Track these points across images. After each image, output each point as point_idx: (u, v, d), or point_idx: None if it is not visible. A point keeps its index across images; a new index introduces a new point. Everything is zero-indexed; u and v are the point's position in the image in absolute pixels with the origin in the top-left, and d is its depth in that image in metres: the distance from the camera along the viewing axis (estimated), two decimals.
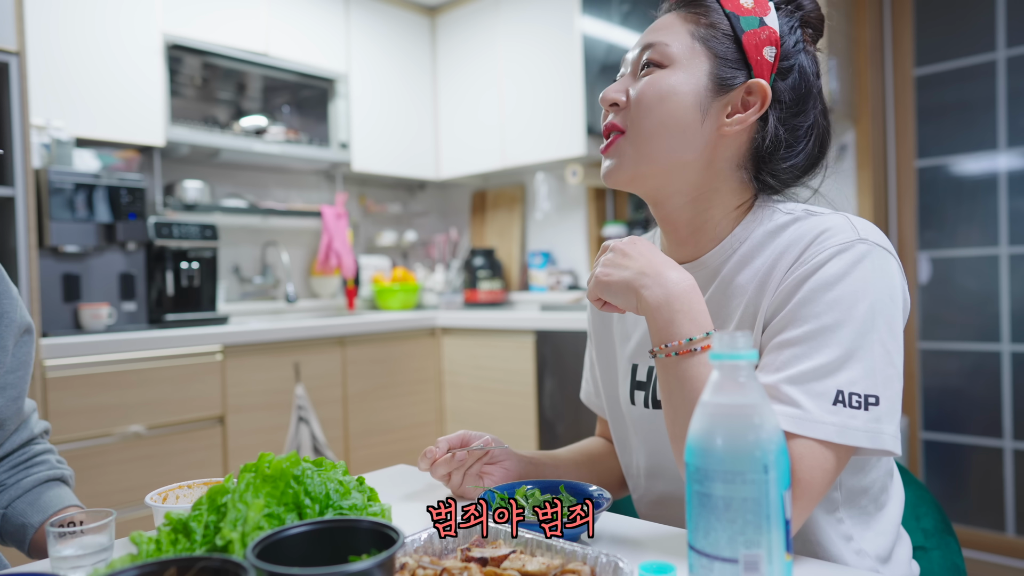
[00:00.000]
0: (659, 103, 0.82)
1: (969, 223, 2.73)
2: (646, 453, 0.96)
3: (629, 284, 0.77)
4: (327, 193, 3.66)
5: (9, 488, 0.98)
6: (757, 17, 0.83)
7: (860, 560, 0.82)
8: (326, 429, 2.78)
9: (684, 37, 0.83)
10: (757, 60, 0.82)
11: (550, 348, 2.81)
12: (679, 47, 0.83)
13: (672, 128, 0.82)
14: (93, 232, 2.43)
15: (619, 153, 0.85)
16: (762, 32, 0.82)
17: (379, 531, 0.54)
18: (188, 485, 0.84)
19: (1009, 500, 2.63)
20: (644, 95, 0.83)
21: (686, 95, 0.82)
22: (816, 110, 0.87)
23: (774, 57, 0.83)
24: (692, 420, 0.53)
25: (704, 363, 0.73)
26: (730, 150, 0.85)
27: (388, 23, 3.55)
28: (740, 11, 0.83)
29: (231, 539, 0.55)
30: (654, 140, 0.83)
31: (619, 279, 0.78)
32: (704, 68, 0.82)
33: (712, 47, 0.82)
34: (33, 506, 0.97)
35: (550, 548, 0.65)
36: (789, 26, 0.85)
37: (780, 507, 0.49)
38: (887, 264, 0.76)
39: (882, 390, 0.71)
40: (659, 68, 0.83)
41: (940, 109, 2.78)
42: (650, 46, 0.84)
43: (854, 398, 0.70)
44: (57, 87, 2.45)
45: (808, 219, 0.81)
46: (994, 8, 2.63)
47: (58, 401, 2.11)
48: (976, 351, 2.71)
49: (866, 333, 0.72)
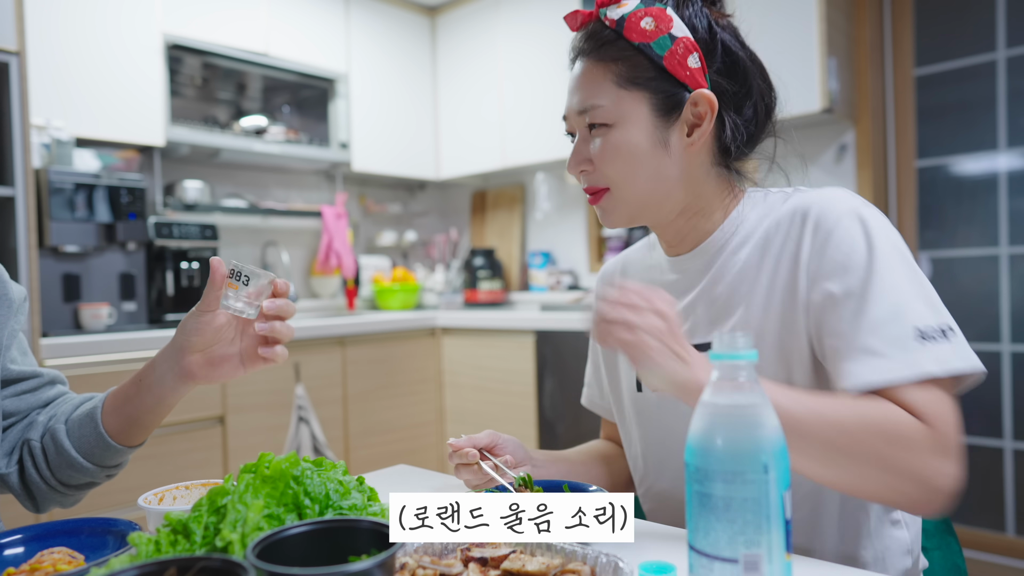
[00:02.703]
0: (622, 160, 0.86)
1: (969, 223, 2.73)
2: (647, 442, 0.98)
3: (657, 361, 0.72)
4: (327, 193, 3.66)
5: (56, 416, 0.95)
6: (665, 35, 0.83)
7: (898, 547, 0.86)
8: (326, 429, 2.78)
9: (611, 89, 0.85)
10: (687, 74, 0.84)
11: (550, 348, 2.81)
12: (611, 102, 0.85)
13: (644, 172, 0.86)
14: (93, 232, 2.43)
15: (611, 205, 0.90)
16: (677, 47, 0.83)
17: (379, 531, 0.54)
18: (186, 486, 0.84)
19: (1009, 500, 2.63)
20: (606, 158, 0.86)
21: (641, 142, 0.85)
22: (755, 78, 0.89)
23: (699, 60, 0.84)
24: (692, 420, 0.53)
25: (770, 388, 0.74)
26: (700, 156, 0.89)
27: (388, 23, 3.56)
28: (648, 38, 0.83)
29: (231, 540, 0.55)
30: (633, 188, 0.87)
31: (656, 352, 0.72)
32: (644, 108, 0.85)
33: (641, 86, 0.84)
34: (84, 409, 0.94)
35: (550, 548, 0.65)
36: (693, 15, 0.85)
37: (780, 507, 0.50)
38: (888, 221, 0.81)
39: (946, 318, 0.74)
40: (604, 128, 0.86)
41: (940, 109, 2.78)
42: (586, 111, 0.87)
43: (932, 331, 0.72)
44: (57, 87, 2.46)
45: (797, 195, 0.86)
46: (994, 8, 2.63)
47: None
48: (976, 351, 2.70)
49: (910, 272, 0.75)
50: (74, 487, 0.95)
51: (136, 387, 0.90)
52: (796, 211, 0.84)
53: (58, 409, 0.96)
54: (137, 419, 0.91)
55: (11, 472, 0.93)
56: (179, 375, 0.88)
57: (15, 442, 0.94)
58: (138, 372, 0.92)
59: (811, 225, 0.81)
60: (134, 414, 0.91)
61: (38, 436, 0.93)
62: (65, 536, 0.72)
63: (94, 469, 0.92)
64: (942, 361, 0.70)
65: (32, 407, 0.97)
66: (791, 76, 2.53)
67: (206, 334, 0.86)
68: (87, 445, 0.91)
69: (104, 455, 0.92)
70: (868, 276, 0.75)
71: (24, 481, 0.94)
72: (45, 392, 0.99)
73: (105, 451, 0.91)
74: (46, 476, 0.92)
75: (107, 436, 0.90)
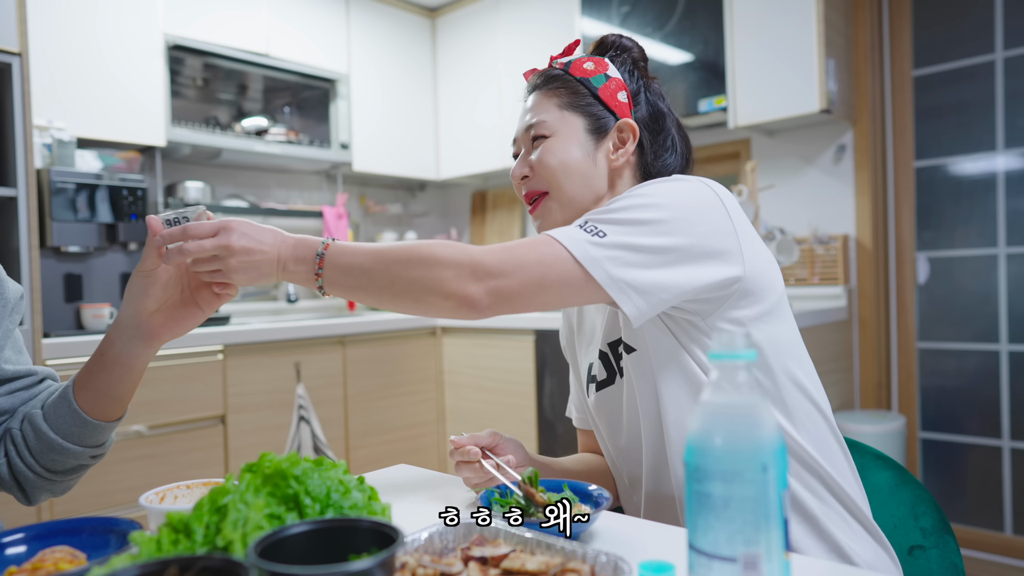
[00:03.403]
0: (558, 163, 1.01)
1: (967, 223, 2.74)
2: (608, 434, 1.05)
3: (269, 274, 0.87)
4: (328, 193, 3.66)
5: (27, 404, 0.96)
6: (602, 74, 1.03)
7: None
8: (327, 429, 2.78)
9: (554, 110, 1.03)
10: (616, 105, 1.02)
11: (550, 348, 2.82)
12: (553, 119, 1.02)
13: (574, 176, 1.01)
14: (95, 232, 2.43)
15: (547, 209, 1.03)
16: (611, 84, 1.03)
17: (379, 530, 0.54)
18: (187, 485, 0.84)
19: (1007, 499, 2.64)
20: (543, 161, 1.01)
21: (573, 150, 1.01)
22: (672, 124, 1.07)
23: (627, 98, 1.03)
24: (692, 420, 0.54)
25: (338, 246, 0.86)
26: (625, 174, 1.04)
27: (388, 24, 3.56)
28: (588, 74, 1.03)
29: (232, 539, 0.55)
30: (565, 189, 1.01)
31: (259, 276, 0.86)
32: (579, 126, 1.02)
33: (578, 109, 1.02)
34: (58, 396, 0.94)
35: (550, 547, 0.65)
36: (627, 70, 1.06)
37: (779, 506, 0.50)
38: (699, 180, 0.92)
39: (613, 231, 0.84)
40: (545, 139, 1.02)
41: (938, 110, 2.78)
42: (532, 126, 1.03)
43: (588, 224, 0.85)
44: (59, 88, 2.46)
45: None
46: (992, 9, 2.63)
47: None
48: (974, 351, 2.72)
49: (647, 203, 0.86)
50: (61, 472, 0.95)
51: (100, 362, 0.91)
52: None
53: (38, 398, 0.97)
54: (108, 391, 0.92)
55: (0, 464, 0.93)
56: (144, 339, 0.90)
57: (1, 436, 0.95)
58: (98, 348, 0.92)
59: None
60: (104, 387, 0.92)
61: (18, 424, 0.93)
62: (67, 535, 0.72)
63: (77, 450, 0.92)
64: (570, 238, 0.83)
65: (24, 404, 0.97)
66: (790, 77, 2.54)
67: (156, 293, 0.89)
68: (65, 425, 0.91)
69: (83, 434, 0.92)
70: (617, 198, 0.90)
71: (12, 472, 0.93)
72: (37, 389, 0.99)
73: (83, 429, 0.91)
74: (30, 464, 0.92)
75: (82, 412, 0.91)
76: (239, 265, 0.84)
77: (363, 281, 0.85)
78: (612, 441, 1.05)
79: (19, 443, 0.92)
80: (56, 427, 0.91)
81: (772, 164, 2.95)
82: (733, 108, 2.67)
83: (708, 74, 2.74)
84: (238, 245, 0.84)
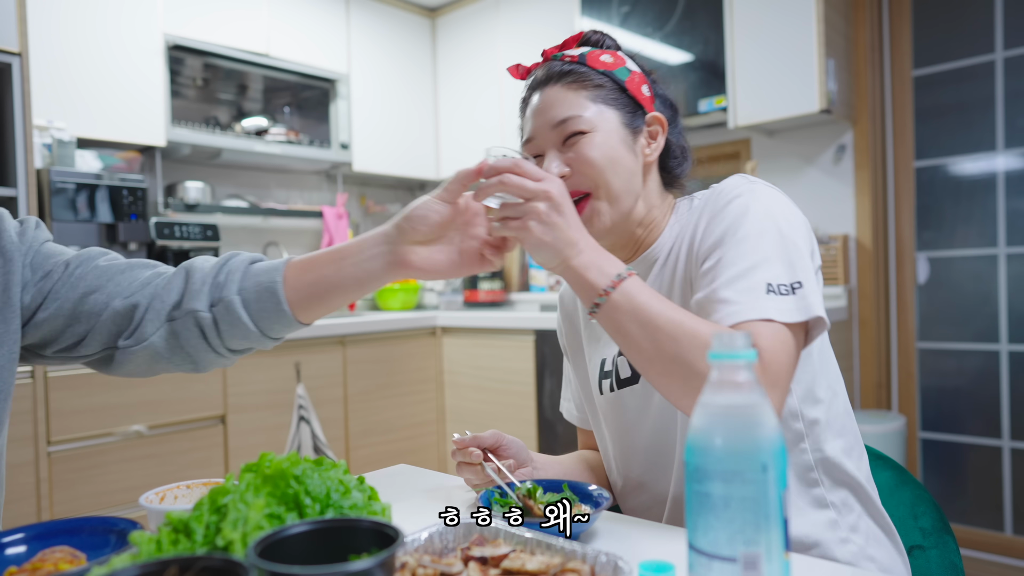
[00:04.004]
0: (604, 158, 0.93)
1: (967, 224, 2.74)
2: (614, 439, 1.03)
3: (559, 251, 0.82)
4: (328, 193, 3.67)
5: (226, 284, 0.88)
6: (624, 67, 0.98)
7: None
8: (327, 429, 2.78)
9: (587, 104, 0.95)
10: (643, 98, 0.98)
11: (550, 348, 2.82)
12: (589, 113, 0.94)
13: (623, 173, 0.95)
14: (95, 232, 2.43)
15: (594, 211, 0.94)
16: (634, 77, 0.98)
17: (379, 530, 0.54)
18: (188, 485, 0.84)
19: (1007, 499, 2.64)
20: (587, 157, 0.93)
21: (618, 145, 0.95)
22: (679, 115, 1.05)
23: (649, 91, 0.99)
24: (692, 420, 0.54)
25: (636, 284, 0.80)
26: (652, 170, 1.00)
27: (388, 24, 3.56)
28: (610, 67, 0.97)
29: (232, 539, 0.55)
30: (613, 186, 0.94)
31: (552, 243, 0.81)
32: (616, 121, 0.96)
33: (611, 104, 0.96)
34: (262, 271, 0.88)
35: (550, 547, 0.65)
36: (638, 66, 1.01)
37: (779, 506, 0.50)
38: (783, 197, 0.89)
39: (801, 275, 0.81)
40: (583, 134, 0.94)
41: (938, 110, 2.78)
42: (564, 121, 0.94)
43: (782, 287, 0.79)
44: (59, 88, 2.46)
45: (711, 188, 0.96)
46: (992, 9, 2.63)
47: (60, 401, 2.11)
48: (974, 351, 2.72)
49: (778, 238, 0.83)
50: (240, 351, 0.92)
51: (334, 264, 0.87)
52: (702, 208, 0.94)
53: (212, 277, 0.89)
54: (321, 296, 0.87)
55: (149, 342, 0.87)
56: (393, 261, 0.86)
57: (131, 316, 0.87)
58: (337, 248, 0.88)
59: (696, 216, 0.94)
60: (322, 291, 0.87)
61: (206, 306, 0.87)
62: (66, 535, 0.72)
63: (265, 339, 0.89)
64: (783, 311, 0.78)
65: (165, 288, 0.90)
66: (790, 77, 2.54)
67: (430, 226, 0.85)
68: (265, 318, 0.87)
69: (278, 327, 0.89)
70: (732, 246, 0.83)
71: (186, 349, 0.89)
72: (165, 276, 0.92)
73: (280, 323, 0.88)
74: (215, 344, 0.88)
75: (288, 311, 0.87)
76: (546, 219, 0.79)
77: (642, 332, 0.78)
78: (622, 440, 1.02)
79: (207, 326, 0.87)
80: (256, 317, 0.87)
81: (772, 164, 2.95)
82: (733, 108, 2.67)
83: (708, 74, 2.74)
84: (557, 197, 0.80)
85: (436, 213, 0.84)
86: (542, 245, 0.81)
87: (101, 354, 0.90)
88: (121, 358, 0.89)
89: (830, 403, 0.93)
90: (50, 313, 0.87)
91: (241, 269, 0.89)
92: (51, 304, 0.87)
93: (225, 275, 0.89)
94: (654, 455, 0.97)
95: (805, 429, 0.90)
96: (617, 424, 1.02)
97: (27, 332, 0.88)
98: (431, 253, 0.87)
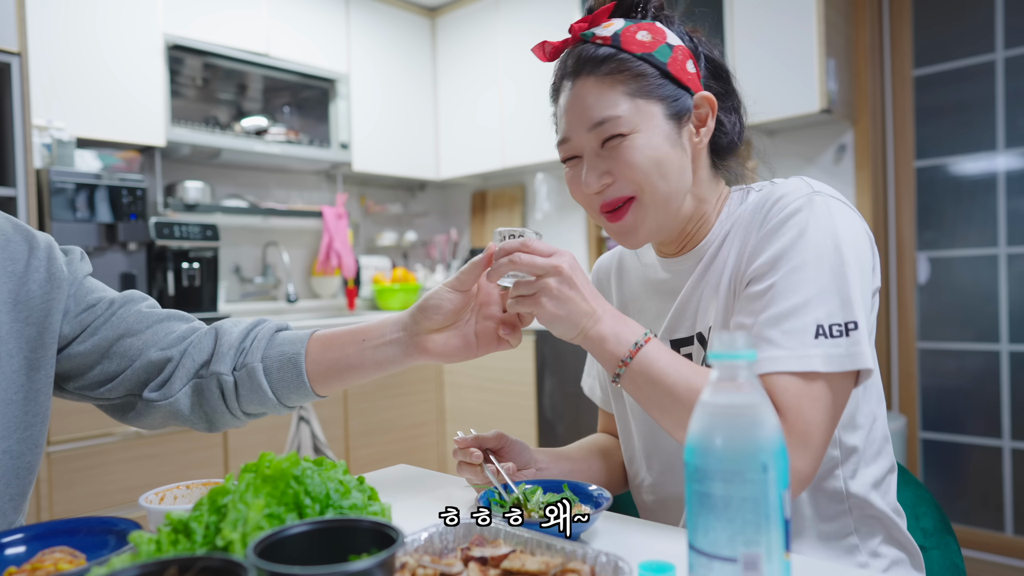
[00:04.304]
0: (649, 162, 0.86)
1: (968, 223, 2.74)
2: (642, 433, 0.99)
3: (575, 323, 0.81)
4: (327, 193, 3.66)
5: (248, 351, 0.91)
6: (664, 44, 0.87)
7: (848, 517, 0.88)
8: (326, 429, 2.78)
9: (623, 100, 0.86)
10: (688, 79, 0.88)
11: (550, 348, 2.82)
12: (628, 112, 0.85)
13: (671, 174, 0.87)
14: (94, 232, 2.43)
15: (639, 218, 0.88)
16: (677, 54, 0.88)
17: (379, 530, 0.54)
18: (187, 486, 0.84)
19: (1008, 500, 2.64)
20: (632, 162, 0.85)
21: (662, 144, 0.86)
22: (732, 80, 0.95)
23: (695, 66, 0.90)
24: (692, 420, 0.53)
25: (654, 351, 0.80)
26: (701, 157, 0.92)
27: (388, 24, 3.56)
28: (648, 48, 0.86)
29: (232, 539, 0.55)
30: (661, 189, 0.87)
31: (567, 317, 0.81)
32: (659, 115, 0.86)
33: (652, 94, 0.86)
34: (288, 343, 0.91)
35: (550, 547, 0.65)
36: (677, 28, 0.92)
37: (779, 506, 0.50)
38: (843, 209, 0.82)
39: (860, 315, 0.77)
40: (623, 136, 0.86)
41: (939, 110, 2.78)
42: (601, 123, 0.86)
43: (834, 328, 0.75)
44: (58, 88, 2.46)
45: (771, 187, 0.88)
46: (993, 9, 2.63)
47: (59, 401, 2.11)
48: (975, 351, 2.72)
49: (836, 267, 0.78)
50: (254, 415, 0.95)
51: (356, 345, 0.89)
52: (756, 210, 0.87)
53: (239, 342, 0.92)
54: (340, 374, 0.90)
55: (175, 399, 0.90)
56: (410, 349, 0.88)
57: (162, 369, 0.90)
58: (359, 329, 0.91)
59: (757, 224, 0.86)
60: (342, 369, 0.90)
61: (229, 370, 0.90)
62: (66, 535, 0.72)
63: (280, 407, 0.93)
64: (831, 358, 0.75)
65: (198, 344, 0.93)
66: (790, 77, 2.54)
67: (446, 314, 0.87)
68: (284, 388, 0.90)
69: (295, 397, 0.92)
70: (786, 274, 0.79)
71: (205, 410, 0.92)
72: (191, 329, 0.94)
73: (298, 394, 0.91)
74: (233, 407, 0.92)
75: (308, 384, 0.90)
76: (558, 294, 0.80)
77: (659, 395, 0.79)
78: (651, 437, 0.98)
79: (228, 389, 0.90)
80: (275, 386, 0.90)
81: (772, 164, 2.94)
82: None
83: None
84: (567, 272, 0.80)
85: (449, 302, 0.86)
86: (556, 319, 0.81)
87: (122, 400, 0.92)
88: (143, 409, 0.91)
89: (870, 429, 0.90)
90: (86, 347, 0.89)
91: (267, 337, 0.93)
92: (88, 338, 0.90)
93: (251, 341, 0.92)
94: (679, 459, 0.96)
95: (841, 457, 0.87)
96: (645, 424, 0.99)
97: (58, 360, 0.90)
98: (447, 339, 0.89)
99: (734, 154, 0.96)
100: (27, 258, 0.86)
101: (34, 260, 0.87)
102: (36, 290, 0.86)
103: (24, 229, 0.89)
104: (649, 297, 1.01)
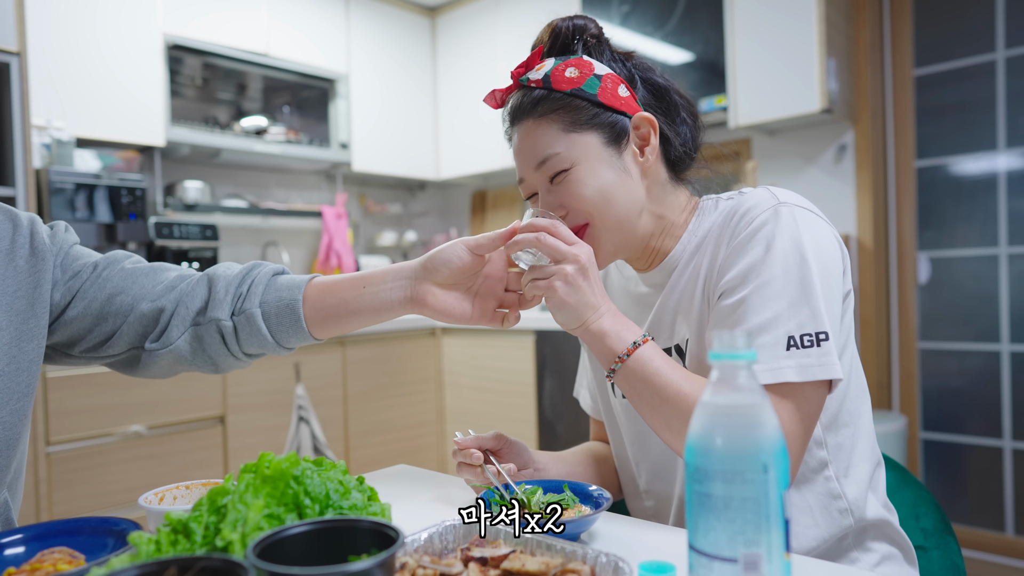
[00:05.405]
0: (594, 190, 0.89)
1: (968, 223, 2.73)
2: (632, 439, 1.01)
3: (580, 314, 0.84)
4: (327, 193, 3.66)
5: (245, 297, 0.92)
6: (591, 76, 0.91)
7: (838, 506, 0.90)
8: (326, 429, 2.78)
9: (560, 137, 0.90)
10: (621, 103, 0.91)
11: (550, 348, 2.82)
12: (566, 148, 0.90)
13: (619, 198, 0.90)
14: (94, 232, 2.43)
15: (596, 241, 0.92)
16: (606, 82, 0.91)
17: (379, 531, 0.54)
18: (187, 486, 0.84)
19: (1008, 500, 2.64)
20: (577, 194, 0.90)
21: (604, 172, 0.90)
22: (674, 94, 0.97)
23: (627, 90, 0.93)
24: (692, 420, 0.53)
25: (649, 352, 0.82)
26: (657, 174, 0.95)
27: (388, 23, 3.56)
28: (576, 83, 0.90)
29: (231, 540, 0.55)
30: (610, 215, 0.90)
31: (574, 305, 0.83)
32: (597, 144, 0.90)
33: (586, 125, 0.90)
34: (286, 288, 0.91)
35: (550, 548, 0.65)
36: (606, 56, 0.95)
37: (780, 507, 0.50)
38: (808, 218, 0.84)
39: (828, 325, 0.79)
40: (566, 172, 0.90)
41: (939, 109, 2.78)
42: (544, 162, 0.91)
43: (805, 339, 0.78)
44: (58, 87, 2.46)
45: (739, 197, 0.91)
46: (993, 8, 2.63)
47: (59, 401, 2.11)
48: (975, 351, 2.72)
49: (804, 278, 0.80)
50: (254, 356, 0.96)
51: (355, 290, 0.90)
52: (724, 222, 0.90)
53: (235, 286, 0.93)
54: (339, 319, 0.91)
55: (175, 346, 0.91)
56: (410, 296, 0.88)
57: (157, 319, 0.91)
58: (360, 275, 0.91)
59: (727, 237, 0.88)
60: (340, 314, 0.90)
61: (227, 315, 0.91)
62: (65, 536, 0.72)
63: (280, 348, 0.93)
64: (803, 368, 0.77)
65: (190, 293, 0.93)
66: (790, 77, 2.54)
67: (454, 272, 0.87)
68: (283, 332, 0.91)
69: (294, 340, 0.93)
70: (755, 289, 0.81)
71: (209, 353, 0.93)
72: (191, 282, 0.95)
73: (296, 336, 0.92)
74: (234, 350, 0.93)
75: (306, 328, 0.90)
76: (572, 281, 0.82)
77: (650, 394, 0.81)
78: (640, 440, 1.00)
79: (228, 333, 0.91)
80: (274, 330, 0.91)
81: (773, 164, 2.94)
82: (734, 108, 2.67)
83: (708, 73, 2.74)
84: (584, 262, 0.83)
85: (460, 260, 0.86)
86: (565, 306, 0.83)
87: (127, 354, 0.94)
88: (147, 360, 0.93)
89: (856, 425, 0.92)
90: (78, 311, 0.91)
91: (264, 282, 0.93)
92: (79, 303, 0.91)
93: (248, 286, 0.92)
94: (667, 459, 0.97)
95: (830, 456, 0.89)
96: (633, 427, 1.01)
97: (56, 330, 0.92)
98: (448, 298, 0.88)
99: (690, 166, 0.99)
100: (12, 236, 0.89)
101: (19, 237, 0.89)
102: (22, 264, 0.88)
103: (7, 209, 0.91)
104: (631, 309, 1.04)
